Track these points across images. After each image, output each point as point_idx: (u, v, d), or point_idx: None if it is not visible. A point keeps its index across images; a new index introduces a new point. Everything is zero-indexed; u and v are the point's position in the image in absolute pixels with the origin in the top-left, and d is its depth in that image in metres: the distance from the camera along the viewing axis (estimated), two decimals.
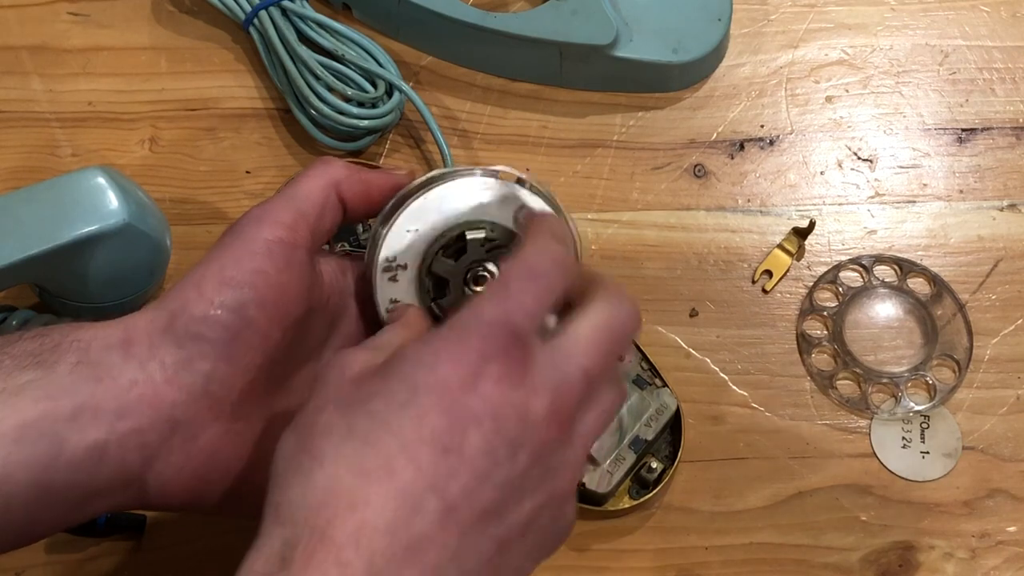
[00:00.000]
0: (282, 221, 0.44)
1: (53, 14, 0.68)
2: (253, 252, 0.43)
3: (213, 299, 0.42)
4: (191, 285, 0.43)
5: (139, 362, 0.41)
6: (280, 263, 0.43)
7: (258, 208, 0.45)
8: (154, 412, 0.41)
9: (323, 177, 0.46)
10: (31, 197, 0.54)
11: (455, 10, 0.64)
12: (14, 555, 0.55)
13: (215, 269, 0.43)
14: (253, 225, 0.44)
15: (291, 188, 0.46)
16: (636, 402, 0.55)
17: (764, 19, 0.69)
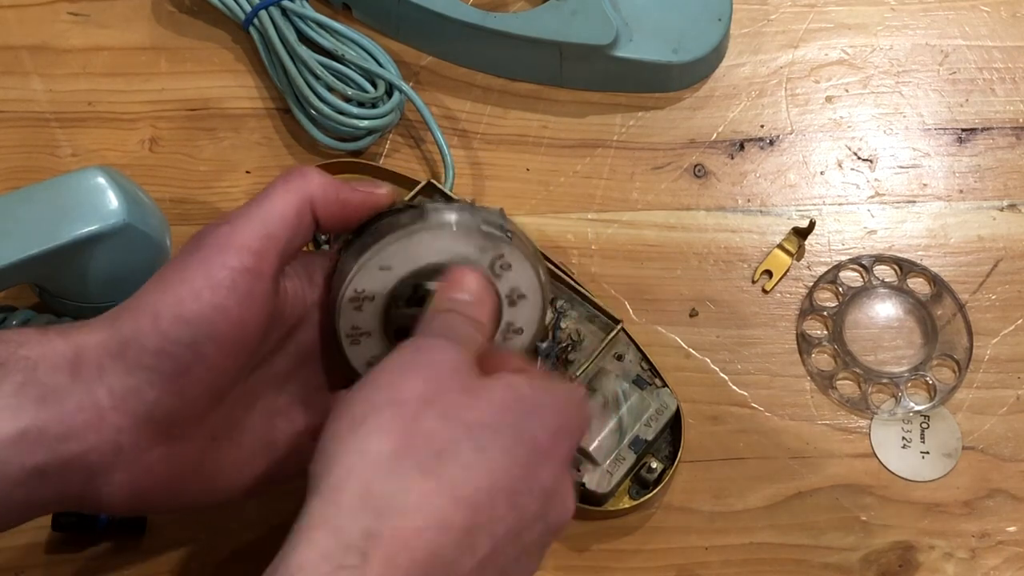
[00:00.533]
0: (250, 247, 0.42)
1: (53, 14, 0.68)
2: (215, 285, 0.42)
3: (168, 333, 0.41)
4: (147, 313, 0.41)
5: (87, 386, 0.41)
6: (242, 296, 0.42)
7: (226, 227, 0.43)
8: (98, 437, 0.41)
9: (297, 193, 0.44)
10: (31, 197, 0.54)
11: (455, 10, 0.64)
12: (14, 555, 0.55)
13: (173, 301, 0.41)
14: (218, 251, 0.42)
15: (263, 204, 0.44)
16: (636, 402, 0.55)
17: (764, 19, 0.69)
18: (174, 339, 0.41)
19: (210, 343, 0.42)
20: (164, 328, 0.41)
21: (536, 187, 0.64)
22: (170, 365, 0.41)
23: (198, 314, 0.41)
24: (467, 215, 0.45)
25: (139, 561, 0.55)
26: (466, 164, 0.65)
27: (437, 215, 0.45)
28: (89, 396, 0.41)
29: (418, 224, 0.44)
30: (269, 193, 0.44)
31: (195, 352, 0.41)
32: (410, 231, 0.44)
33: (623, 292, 0.61)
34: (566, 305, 0.58)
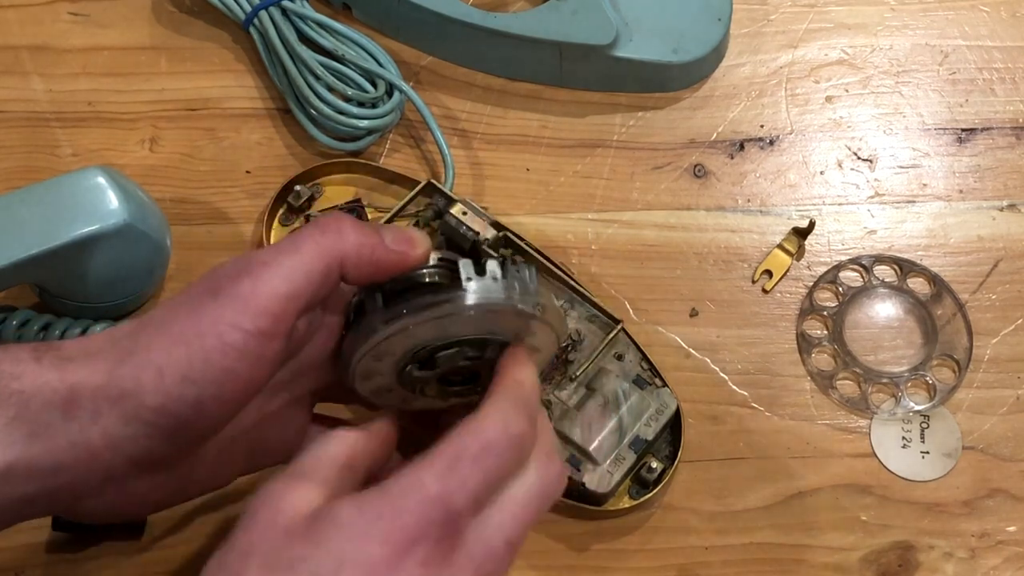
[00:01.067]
0: (268, 309, 0.41)
1: (53, 14, 0.68)
2: (226, 347, 0.40)
3: (172, 393, 0.40)
4: (151, 367, 0.40)
5: (80, 426, 0.40)
6: (254, 359, 0.41)
7: (248, 281, 0.41)
8: (88, 471, 0.41)
9: (329, 251, 0.42)
10: (31, 197, 0.54)
11: (455, 10, 0.64)
12: (14, 555, 0.55)
13: (181, 359, 0.40)
14: (234, 309, 0.40)
15: (291, 256, 0.42)
16: (636, 402, 0.55)
17: (764, 19, 0.69)
18: (177, 398, 0.40)
19: (214, 402, 0.41)
20: (168, 387, 0.40)
21: (536, 187, 0.64)
22: (170, 421, 0.41)
23: (204, 377, 0.40)
24: (501, 294, 0.43)
25: (139, 561, 0.55)
26: (466, 164, 0.65)
27: (472, 296, 0.43)
28: (82, 435, 0.40)
29: (451, 305, 0.43)
30: (299, 244, 0.42)
31: (197, 410, 0.41)
32: (443, 311, 0.43)
33: (623, 292, 0.61)
34: (566, 305, 0.58)
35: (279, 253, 0.42)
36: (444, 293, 0.43)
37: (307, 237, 0.42)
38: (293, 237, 0.43)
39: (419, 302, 0.43)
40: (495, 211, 0.62)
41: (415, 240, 0.44)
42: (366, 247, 0.43)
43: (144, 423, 0.40)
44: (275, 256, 0.42)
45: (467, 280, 0.43)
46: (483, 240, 0.57)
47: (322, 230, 0.43)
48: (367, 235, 0.43)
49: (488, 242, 0.58)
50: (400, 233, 0.44)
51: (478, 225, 0.58)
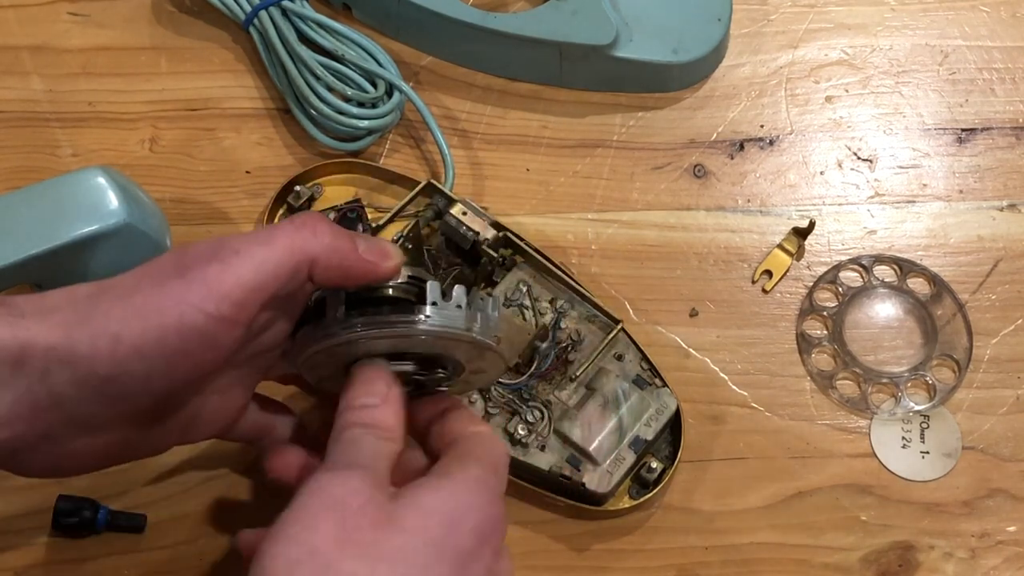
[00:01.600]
0: (232, 296, 0.41)
1: (53, 14, 0.68)
2: (184, 327, 0.40)
3: (123, 363, 0.40)
4: (107, 335, 0.40)
5: (28, 384, 0.40)
6: (209, 341, 0.41)
7: (217, 265, 0.41)
8: (28, 428, 0.41)
9: (301, 249, 0.42)
10: (31, 197, 0.54)
11: (455, 10, 0.64)
12: (14, 555, 0.55)
13: (137, 331, 0.40)
14: (199, 291, 0.41)
15: (262, 248, 0.42)
16: (636, 402, 0.55)
17: (764, 19, 0.69)
18: (127, 370, 0.40)
19: (162, 378, 0.41)
20: (120, 358, 0.40)
21: (536, 187, 0.64)
22: (117, 390, 0.41)
23: (159, 353, 0.40)
24: (460, 323, 0.44)
25: (139, 561, 0.55)
26: (466, 164, 0.65)
27: (430, 321, 0.44)
28: (28, 393, 0.41)
29: (409, 327, 0.44)
30: (273, 237, 0.42)
31: (145, 384, 0.41)
32: (399, 331, 0.44)
33: (623, 292, 0.61)
34: (566, 305, 0.58)
35: (252, 243, 0.42)
36: (404, 314, 0.44)
37: (281, 232, 0.43)
38: (269, 229, 0.43)
39: (378, 318, 0.44)
40: (495, 211, 0.62)
41: (388, 253, 0.45)
42: (338, 252, 0.43)
43: (91, 388, 0.41)
44: (247, 245, 0.42)
45: (431, 304, 0.44)
46: (483, 240, 0.58)
47: (297, 227, 0.43)
48: (341, 240, 0.43)
49: (488, 242, 0.58)
50: (375, 244, 0.44)
51: (478, 225, 0.58)
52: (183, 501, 0.56)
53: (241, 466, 0.57)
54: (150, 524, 0.56)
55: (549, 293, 0.59)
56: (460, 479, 0.42)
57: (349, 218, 0.61)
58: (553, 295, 0.58)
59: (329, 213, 0.61)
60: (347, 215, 0.61)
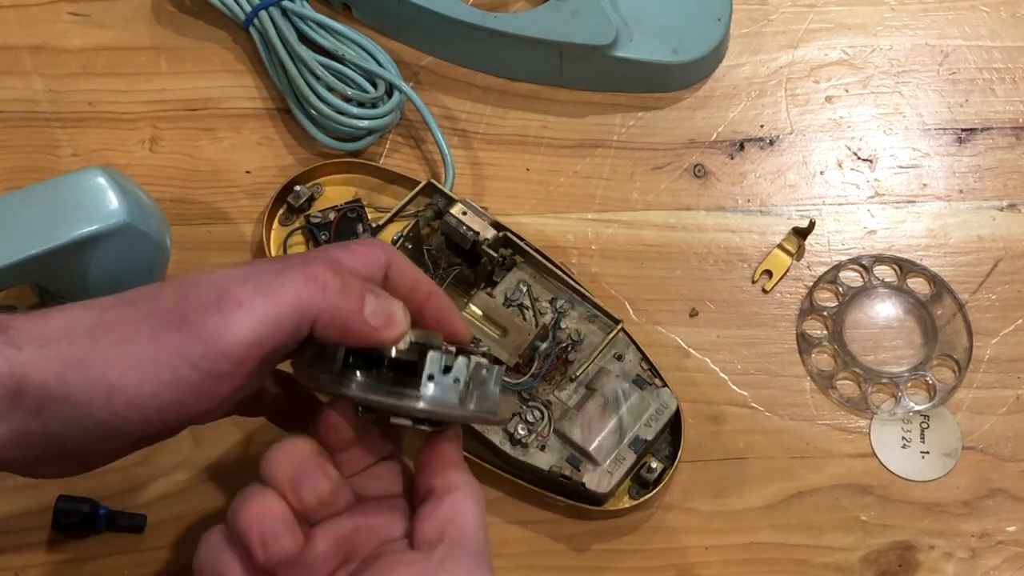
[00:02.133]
0: (231, 355, 0.40)
1: (53, 14, 0.68)
2: (179, 383, 0.40)
3: (118, 412, 0.40)
4: (103, 385, 0.40)
5: (23, 417, 0.40)
6: (205, 396, 0.41)
7: (217, 318, 0.40)
8: (17, 455, 0.41)
9: (306, 307, 0.41)
10: (31, 197, 0.54)
11: (455, 10, 0.64)
12: (14, 555, 0.55)
13: (134, 382, 0.40)
14: (196, 345, 0.40)
15: (266, 302, 0.41)
16: (636, 402, 0.55)
17: (764, 19, 0.69)
18: (122, 418, 0.40)
19: (155, 425, 0.41)
20: (115, 407, 0.40)
21: (536, 187, 0.64)
22: (110, 432, 0.41)
23: (154, 404, 0.40)
24: (455, 402, 0.43)
25: (139, 561, 0.55)
26: (466, 164, 0.65)
27: (426, 400, 0.43)
28: (23, 426, 0.41)
29: (405, 401, 0.43)
30: (279, 290, 0.41)
31: (139, 429, 0.41)
32: (395, 403, 0.43)
33: (623, 292, 0.61)
34: (566, 305, 0.58)
35: (256, 294, 0.41)
36: (401, 387, 0.43)
37: (290, 284, 0.41)
38: (277, 279, 0.41)
39: (376, 385, 0.43)
40: (495, 211, 0.62)
41: (393, 321, 0.43)
42: (342, 313, 0.42)
43: (84, 430, 0.41)
44: (251, 297, 0.41)
45: (428, 379, 0.43)
46: (483, 240, 0.58)
47: (307, 279, 0.42)
48: (349, 300, 0.42)
49: (488, 242, 0.58)
50: (383, 309, 0.43)
51: (478, 225, 0.58)
52: (183, 501, 0.56)
53: (241, 466, 0.57)
54: (150, 524, 0.56)
55: (549, 293, 0.59)
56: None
57: (349, 218, 0.61)
58: (553, 295, 0.58)
59: (329, 213, 0.61)
60: (347, 215, 0.61)
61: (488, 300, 0.57)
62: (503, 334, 0.56)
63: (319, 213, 0.61)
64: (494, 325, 0.57)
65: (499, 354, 0.56)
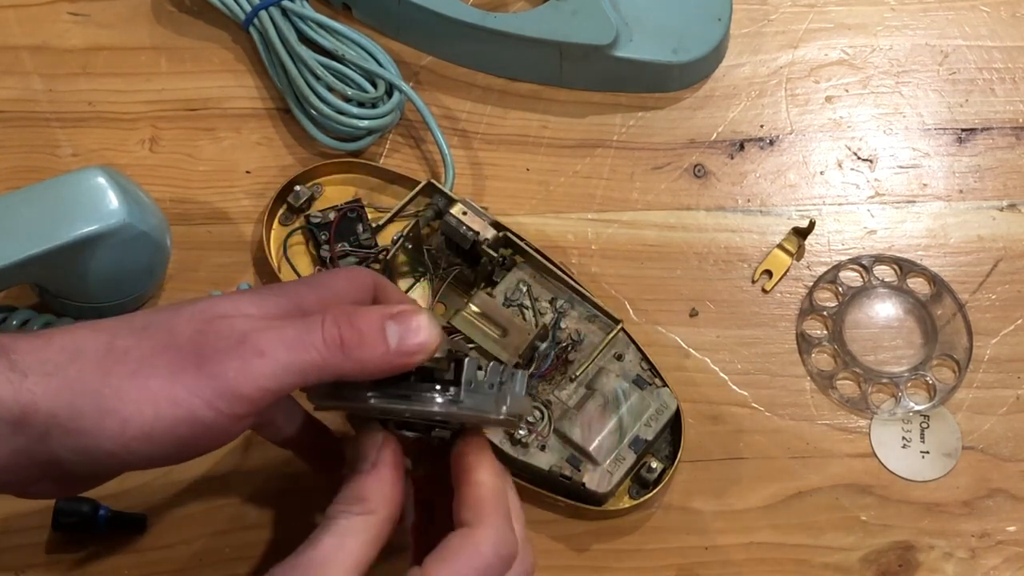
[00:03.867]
0: (249, 399, 0.40)
1: (53, 14, 0.68)
2: (194, 422, 0.40)
3: (129, 445, 0.40)
4: (117, 418, 0.40)
5: (27, 442, 0.40)
6: (218, 434, 0.41)
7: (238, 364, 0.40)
8: (16, 478, 0.41)
9: (330, 365, 0.41)
10: (31, 197, 0.54)
11: (455, 10, 0.64)
12: (14, 555, 0.55)
13: (148, 419, 0.40)
14: (214, 387, 0.40)
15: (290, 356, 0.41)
16: (636, 402, 0.55)
17: (764, 19, 0.69)
18: (133, 451, 0.40)
19: (164, 459, 0.41)
20: (127, 440, 0.40)
21: (536, 187, 0.64)
22: (118, 463, 0.41)
23: (165, 441, 0.40)
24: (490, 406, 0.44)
25: (139, 561, 0.55)
26: (466, 164, 0.65)
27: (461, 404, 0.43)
28: (28, 449, 0.40)
29: (442, 406, 0.43)
30: (305, 346, 0.41)
31: (148, 462, 0.41)
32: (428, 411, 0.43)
33: (623, 292, 0.61)
34: (566, 305, 0.58)
35: (279, 345, 0.41)
36: (434, 393, 0.43)
37: (309, 341, 0.41)
38: (305, 333, 0.41)
39: (411, 394, 0.43)
40: (495, 211, 0.62)
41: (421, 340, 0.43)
42: (368, 362, 0.42)
43: (92, 458, 0.40)
44: (274, 348, 0.41)
45: (465, 385, 0.43)
46: (483, 240, 0.58)
47: (325, 338, 0.41)
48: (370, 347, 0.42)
49: (488, 242, 0.58)
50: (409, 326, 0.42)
51: (478, 225, 0.58)
52: (183, 501, 0.56)
53: (242, 466, 0.57)
54: (150, 524, 0.56)
55: (549, 293, 0.59)
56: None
57: (349, 218, 0.61)
58: (553, 295, 0.58)
59: (329, 213, 0.61)
60: (347, 215, 0.61)
61: (488, 300, 0.57)
62: (503, 334, 0.57)
63: (319, 213, 0.61)
64: (494, 325, 0.57)
65: (499, 354, 0.56)
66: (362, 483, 0.43)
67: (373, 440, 0.45)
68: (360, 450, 0.44)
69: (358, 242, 0.60)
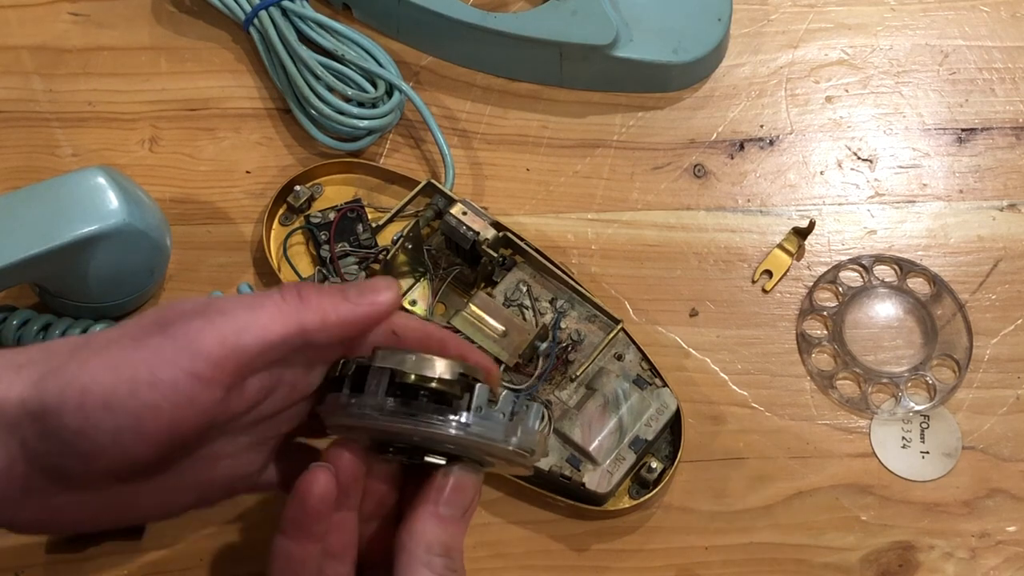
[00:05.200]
0: (210, 357, 0.39)
1: (53, 14, 0.68)
2: (155, 383, 0.39)
3: (91, 416, 0.39)
4: (76, 386, 0.39)
5: (3, 439, 0.40)
6: (182, 400, 0.39)
7: (198, 321, 0.40)
8: (6, 482, 0.40)
9: (289, 318, 0.41)
10: (31, 197, 0.54)
11: (455, 10, 0.64)
12: (14, 555, 0.55)
13: (108, 383, 0.39)
14: (176, 345, 0.39)
15: (248, 313, 0.40)
16: (636, 402, 0.55)
17: (764, 19, 0.69)
18: (95, 424, 0.39)
19: (131, 435, 0.39)
20: (88, 411, 0.39)
21: (536, 187, 0.64)
22: (88, 446, 0.39)
23: (127, 408, 0.39)
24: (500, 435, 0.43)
25: (139, 561, 0.55)
26: (466, 164, 0.65)
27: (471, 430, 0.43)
28: (4, 447, 0.40)
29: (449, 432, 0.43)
30: (261, 305, 0.41)
31: (115, 439, 0.39)
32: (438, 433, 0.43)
33: (623, 292, 0.61)
34: (566, 305, 0.58)
35: (239, 306, 0.41)
36: (445, 414, 0.43)
37: (268, 299, 0.41)
38: (258, 296, 0.42)
39: (420, 415, 0.42)
40: (495, 211, 0.62)
41: (378, 287, 0.43)
42: (331, 312, 0.42)
43: (61, 442, 0.39)
44: (234, 308, 0.41)
45: (475, 410, 0.43)
46: (483, 240, 0.58)
47: (283, 295, 0.42)
48: (331, 300, 0.42)
49: (488, 242, 0.58)
50: (363, 284, 0.43)
51: (478, 225, 0.58)
52: None
53: None
54: (150, 525, 0.56)
55: (549, 293, 0.59)
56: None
57: (349, 218, 0.61)
58: (553, 295, 0.58)
59: (329, 213, 0.61)
60: (347, 215, 0.61)
61: (488, 300, 0.57)
62: (503, 334, 0.57)
63: (319, 213, 0.61)
64: (494, 325, 0.57)
65: (499, 354, 0.56)
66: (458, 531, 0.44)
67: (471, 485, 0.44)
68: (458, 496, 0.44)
69: (358, 242, 0.60)
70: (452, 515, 0.43)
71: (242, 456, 0.46)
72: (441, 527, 0.43)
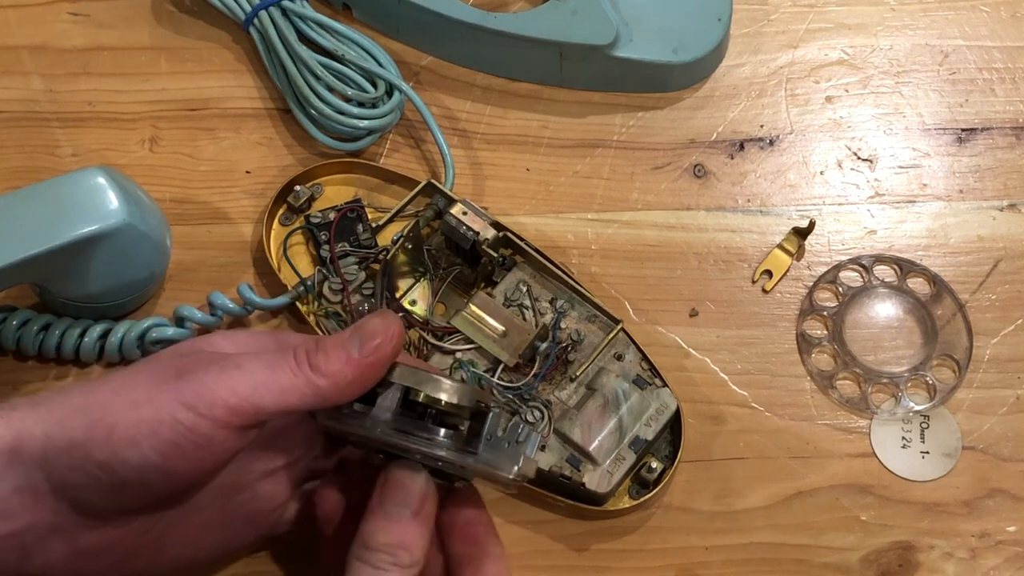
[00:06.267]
0: (226, 404, 0.41)
1: (53, 14, 0.68)
2: (176, 424, 0.41)
3: (118, 451, 0.41)
4: (104, 425, 0.41)
5: (25, 470, 0.41)
6: (203, 441, 0.41)
7: (216, 372, 0.42)
8: (34, 517, 0.41)
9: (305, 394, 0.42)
10: (31, 197, 0.54)
11: (455, 10, 0.64)
12: None
13: (132, 421, 0.41)
14: (194, 390, 0.41)
15: (265, 375, 0.42)
16: (636, 402, 0.55)
17: (764, 19, 0.69)
18: (123, 459, 0.41)
19: (156, 471, 0.41)
20: (115, 445, 0.41)
21: (536, 187, 0.64)
22: (115, 479, 0.41)
23: (152, 445, 0.41)
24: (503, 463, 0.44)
25: None
26: (466, 164, 0.65)
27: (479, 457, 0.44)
28: (27, 479, 0.41)
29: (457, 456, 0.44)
30: (278, 366, 0.43)
31: (140, 475, 0.41)
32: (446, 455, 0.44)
33: (623, 292, 0.61)
34: (566, 305, 0.58)
35: (257, 363, 0.42)
36: (455, 440, 0.44)
37: (285, 362, 0.43)
38: (272, 357, 0.43)
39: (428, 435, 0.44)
40: (495, 211, 0.62)
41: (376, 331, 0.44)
42: (338, 373, 0.43)
43: (88, 475, 0.41)
44: (251, 364, 0.42)
45: (485, 439, 0.44)
46: (483, 240, 0.58)
47: (297, 361, 0.43)
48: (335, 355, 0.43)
49: (488, 242, 0.58)
50: (363, 331, 0.44)
51: (478, 225, 0.58)
52: None
53: None
54: None
55: (549, 293, 0.59)
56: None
57: (349, 218, 0.61)
58: (553, 295, 0.58)
59: (329, 213, 0.61)
60: (347, 215, 0.61)
61: (488, 300, 0.57)
62: (503, 334, 0.57)
63: (319, 213, 0.61)
64: (494, 325, 0.57)
65: (499, 354, 0.56)
66: (406, 530, 0.43)
67: (415, 484, 0.44)
68: (399, 494, 0.44)
69: (358, 242, 0.60)
70: (399, 513, 0.44)
71: (260, 485, 0.47)
72: (382, 524, 0.43)
